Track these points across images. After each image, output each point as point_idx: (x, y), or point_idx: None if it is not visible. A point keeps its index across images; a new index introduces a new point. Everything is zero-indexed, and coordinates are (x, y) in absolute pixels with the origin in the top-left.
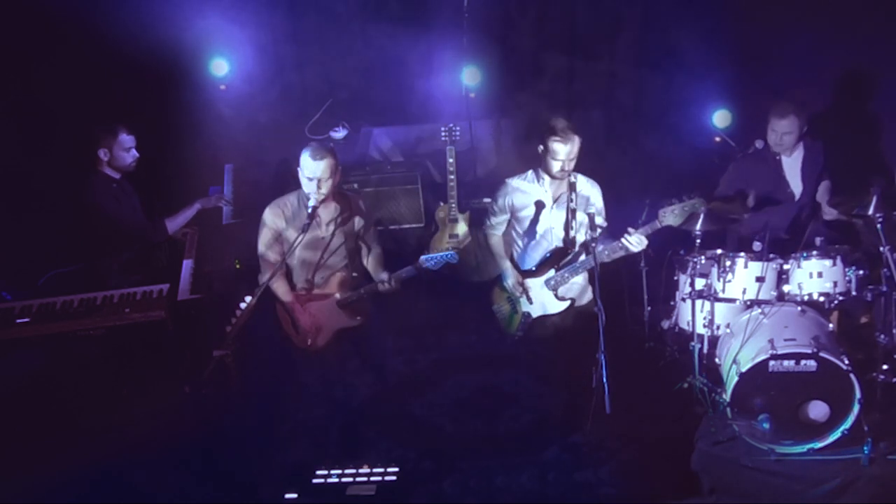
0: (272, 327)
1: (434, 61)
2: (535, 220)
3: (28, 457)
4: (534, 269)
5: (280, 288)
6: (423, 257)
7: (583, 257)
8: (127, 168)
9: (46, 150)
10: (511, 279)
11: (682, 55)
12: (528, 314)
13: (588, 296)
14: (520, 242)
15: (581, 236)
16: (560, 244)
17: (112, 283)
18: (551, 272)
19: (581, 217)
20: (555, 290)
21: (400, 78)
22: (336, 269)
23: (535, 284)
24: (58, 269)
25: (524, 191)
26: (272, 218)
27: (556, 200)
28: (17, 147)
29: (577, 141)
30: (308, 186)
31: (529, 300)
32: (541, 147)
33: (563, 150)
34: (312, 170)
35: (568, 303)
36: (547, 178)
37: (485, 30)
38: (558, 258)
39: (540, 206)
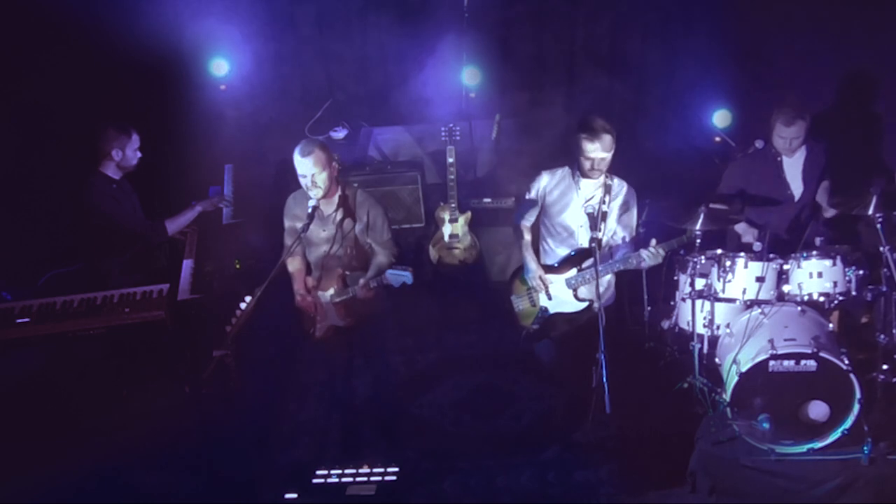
0: (273, 327)
1: (434, 61)
2: (564, 217)
3: (28, 457)
4: (556, 265)
5: (292, 266)
6: (388, 271)
7: (615, 257)
8: (132, 168)
9: (46, 150)
10: (532, 272)
11: (683, 55)
12: (546, 309)
13: (609, 299)
14: (547, 237)
15: (607, 238)
16: (586, 245)
17: (112, 283)
18: (573, 271)
19: (611, 223)
20: (575, 289)
21: (400, 78)
22: (332, 264)
23: (557, 281)
24: (58, 269)
25: (557, 185)
26: (287, 208)
27: (588, 200)
28: (18, 147)
29: (607, 140)
30: (303, 183)
31: (548, 295)
32: (574, 145)
33: (592, 149)
34: (303, 167)
35: (586, 304)
36: (579, 173)
37: (485, 30)
38: (582, 258)
39: (570, 203)
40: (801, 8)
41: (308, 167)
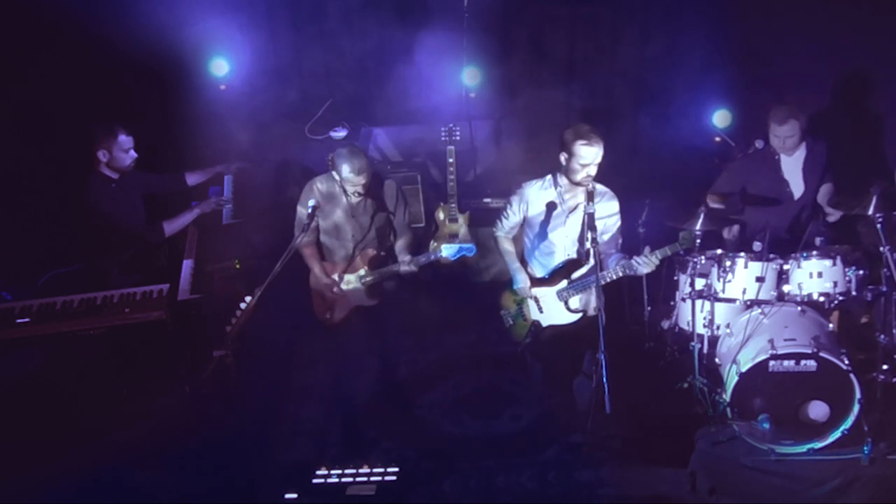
0: (273, 327)
1: (434, 61)
2: (549, 228)
3: (28, 457)
4: (546, 277)
5: (308, 252)
6: (444, 246)
7: (609, 265)
8: (125, 169)
9: (46, 150)
10: (521, 285)
11: (683, 55)
12: (538, 322)
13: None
14: (532, 249)
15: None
16: (574, 255)
17: (112, 283)
18: (563, 283)
19: (599, 226)
20: (566, 301)
21: (400, 78)
22: (365, 246)
23: (547, 294)
24: (58, 269)
25: (541, 196)
26: (311, 189)
27: (572, 210)
28: (17, 147)
29: (601, 145)
30: (352, 191)
31: (539, 309)
32: (563, 154)
33: (590, 154)
34: (358, 181)
35: (580, 315)
36: (565, 184)
37: (485, 30)
38: (571, 269)
39: (556, 213)
40: (801, 7)
41: (362, 179)
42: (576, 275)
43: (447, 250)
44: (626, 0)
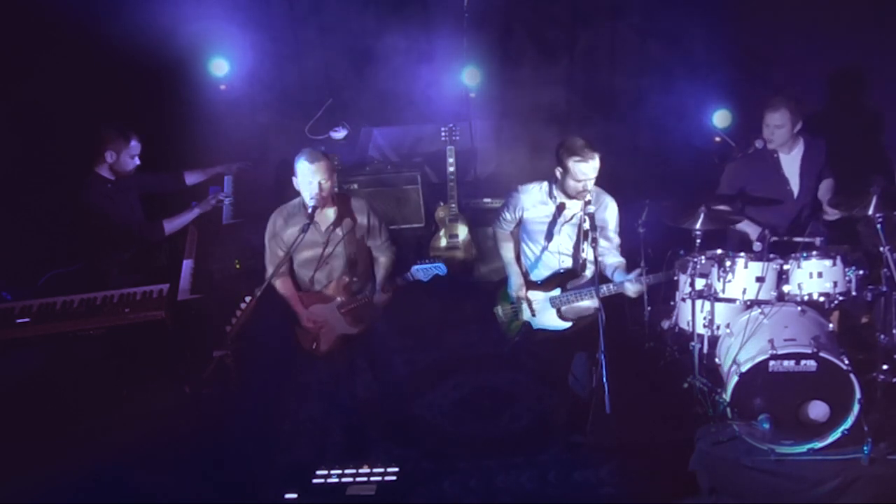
0: (273, 327)
1: (434, 61)
2: (544, 237)
3: (28, 457)
4: (539, 282)
5: (283, 287)
6: (414, 267)
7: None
8: (126, 173)
9: (46, 150)
10: (516, 288)
11: (682, 55)
12: (529, 324)
13: (591, 315)
14: (529, 252)
15: (591, 255)
16: (570, 263)
17: (112, 283)
18: (557, 291)
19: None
20: (558, 308)
21: (400, 78)
22: (336, 274)
23: (539, 298)
24: (58, 269)
25: (535, 203)
26: (273, 222)
27: (568, 219)
28: (17, 147)
29: (598, 160)
30: (308, 190)
31: (532, 312)
32: (559, 169)
33: (585, 170)
34: (312, 174)
35: (570, 324)
36: (560, 195)
37: (485, 30)
38: (566, 278)
39: (551, 223)
40: (801, 7)
41: (317, 174)
42: (570, 284)
43: (420, 273)
44: (626, 0)
